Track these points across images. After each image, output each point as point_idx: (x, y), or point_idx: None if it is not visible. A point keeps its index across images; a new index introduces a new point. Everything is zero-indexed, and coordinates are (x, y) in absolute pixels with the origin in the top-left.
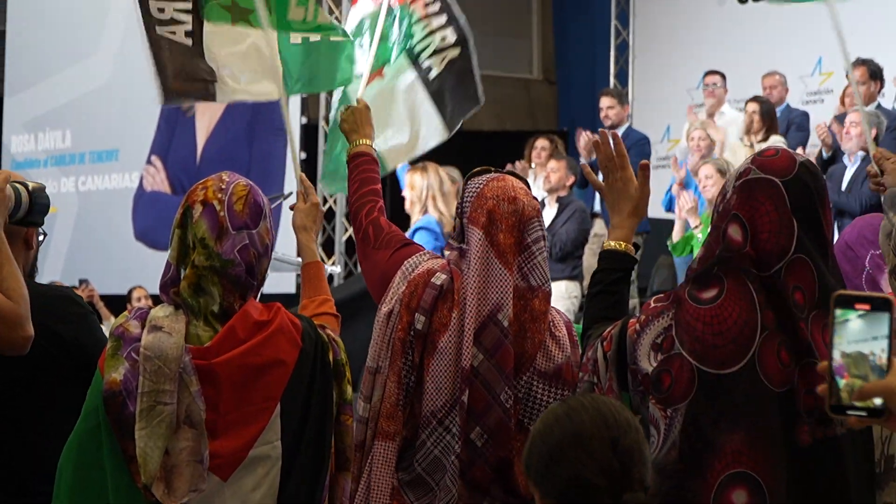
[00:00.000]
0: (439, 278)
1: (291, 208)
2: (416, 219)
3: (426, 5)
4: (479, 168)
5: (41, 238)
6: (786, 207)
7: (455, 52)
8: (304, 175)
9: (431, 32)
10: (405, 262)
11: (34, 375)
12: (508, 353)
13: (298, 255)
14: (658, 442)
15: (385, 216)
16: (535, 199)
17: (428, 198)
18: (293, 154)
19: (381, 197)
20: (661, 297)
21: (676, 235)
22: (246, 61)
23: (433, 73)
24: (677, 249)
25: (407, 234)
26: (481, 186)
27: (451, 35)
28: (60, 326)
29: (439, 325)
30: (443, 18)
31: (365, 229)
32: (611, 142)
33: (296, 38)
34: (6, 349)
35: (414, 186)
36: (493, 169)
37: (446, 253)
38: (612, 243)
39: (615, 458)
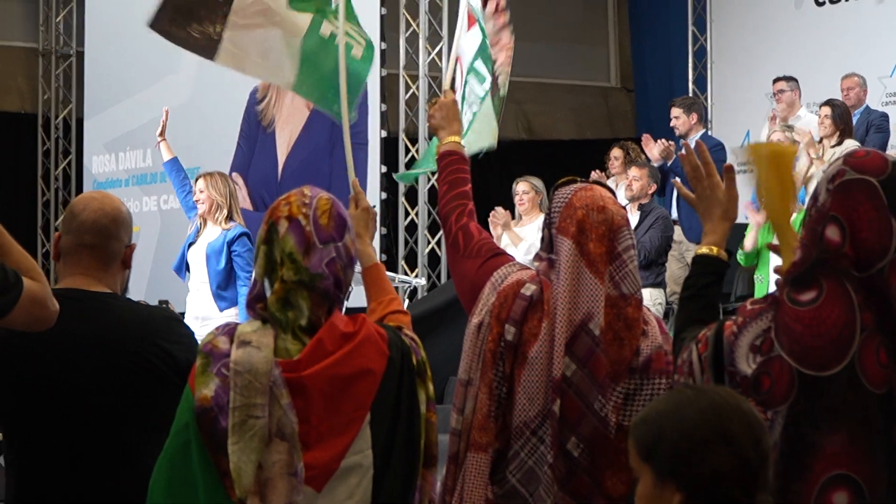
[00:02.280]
0: (529, 289)
1: None
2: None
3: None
4: (565, 178)
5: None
6: (884, 206)
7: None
8: (356, 180)
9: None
10: (494, 273)
11: (149, 396)
12: (600, 362)
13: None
14: None
15: (475, 220)
16: (623, 208)
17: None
18: (347, 154)
19: (471, 199)
20: (758, 300)
21: (749, 245)
22: (265, 37)
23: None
24: (749, 258)
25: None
26: (569, 196)
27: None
28: (174, 347)
29: (529, 335)
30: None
31: (455, 235)
32: (695, 152)
33: (326, 29)
34: (39, 327)
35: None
36: (579, 179)
37: (535, 264)
38: (705, 248)
39: (757, 458)
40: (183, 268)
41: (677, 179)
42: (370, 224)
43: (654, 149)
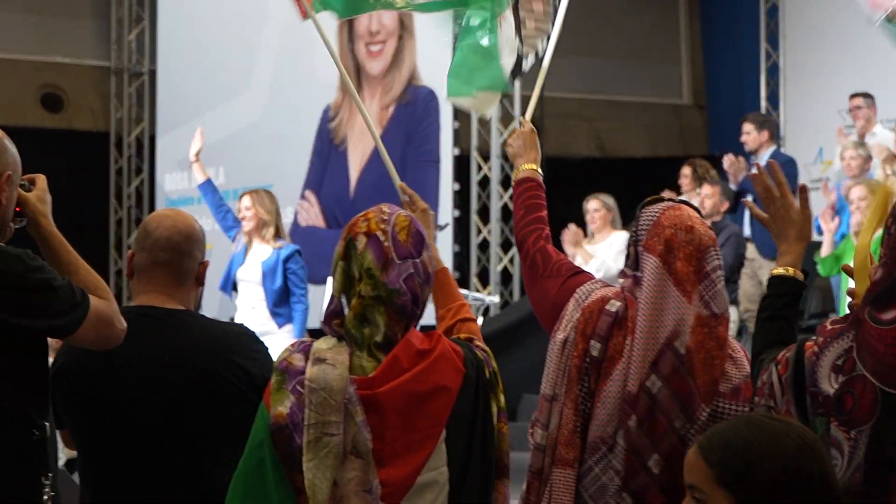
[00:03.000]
0: (614, 305)
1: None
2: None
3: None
4: (652, 197)
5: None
6: None
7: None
8: (404, 184)
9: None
10: (578, 289)
11: (224, 412)
12: (685, 382)
13: None
14: (842, 464)
15: (551, 244)
16: (711, 227)
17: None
18: (381, 152)
19: (547, 224)
20: (838, 320)
21: (825, 251)
22: None
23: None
24: (825, 266)
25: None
26: (658, 215)
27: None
28: (248, 363)
29: (614, 351)
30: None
31: (533, 257)
32: (767, 172)
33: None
34: (106, 345)
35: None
36: (666, 198)
37: (620, 281)
38: (781, 269)
39: (840, 495)
40: (230, 287)
41: (748, 199)
42: (430, 225)
43: (725, 165)
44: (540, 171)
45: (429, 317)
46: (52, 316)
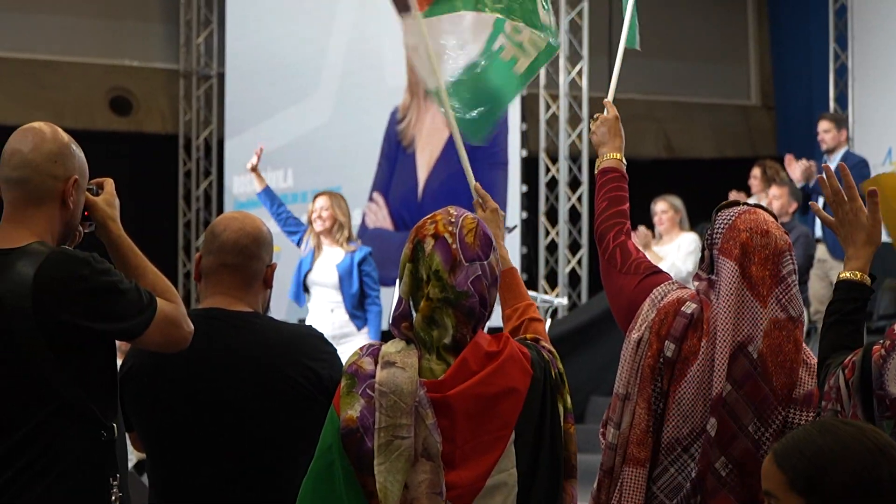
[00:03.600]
0: (689, 307)
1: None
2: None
3: None
4: (728, 200)
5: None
6: None
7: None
8: (478, 185)
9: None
10: (654, 290)
11: (293, 413)
12: (757, 385)
13: None
14: None
15: (632, 239)
16: (787, 232)
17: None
18: (462, 159)
19: (628, 218)
20: None
21: None
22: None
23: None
24: None
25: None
26: (733, 218)
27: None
28: (317, 364)
29: (689, 353)
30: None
31: (612, 252)
32: (835, 175)
33: (500, 40)
34: (173, 347)
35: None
36: (741, 202)
37: (695, 283)
38: (848, 273)
39: None
40: (301, 294)
41: (814, 203)
42: (500, 224)
43: (796, 169)
44: (624, 160)
45: (496, 318)
46: (118, 319)
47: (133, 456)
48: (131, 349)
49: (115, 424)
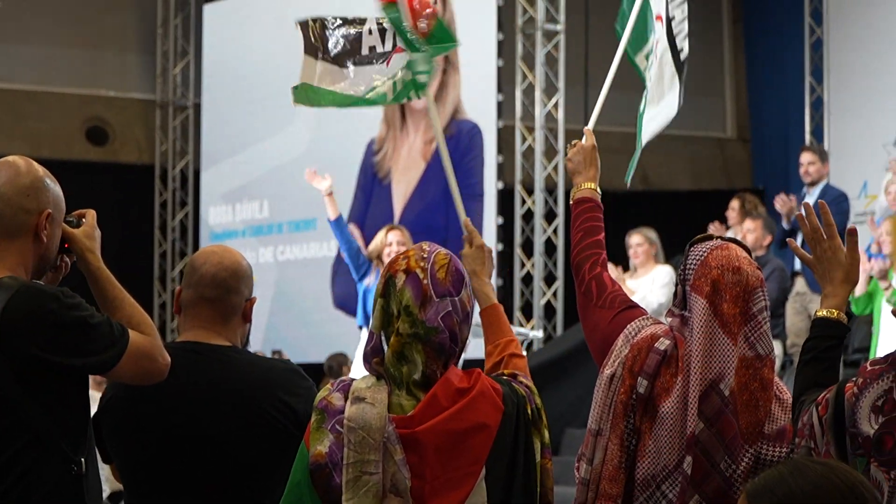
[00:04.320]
0: (663, 343)
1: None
2: None
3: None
4: (701, 235)
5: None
6: None
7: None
8: (468, 220)
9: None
10: (628, 325)
11: (269, 448)
12: (729, 423)
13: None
14: None
15: (608, 270)
16: (759, 268)
17: None
18: (455, 196)
19: (604, 248)
20: (878, 360)
21: (859, 290)
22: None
23: (684, 54)
24: (858, 305)
25: None
26: (705, 255)
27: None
28: (293, 399)
29: (661, 389)
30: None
31: (588, 284)
32: (814, 213)
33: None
34: (148, 380)
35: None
36: (714, 236)
37: (668, 319)
38: (825, 311)
39: None
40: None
41: (792, 240)
42: (486, 262)
43: (777, 205)
44: (599, 190)
45: (477, 350)
46: (88, 353)
47: (107, 486)
48: (110, 381)
49: (84, 459)
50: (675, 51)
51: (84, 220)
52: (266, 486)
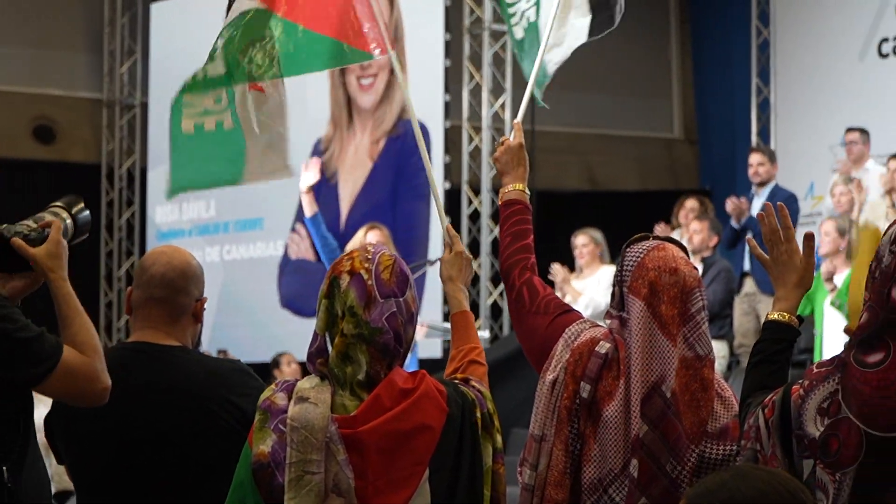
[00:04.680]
0: (603, 347)
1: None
2: None
3: None
4: (639, 235)
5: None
6: None
7: None
8: (450, 226)
9: None
10: (566, 329)
11: (217, 448)
12: (673, 425)
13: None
14: None
15: (537, 274)
16: (696, 268)
17: None
18: (437, 201)
19: (533, 252)
20: (823, 363)
21: None
22: None
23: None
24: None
25: None
26: (642, 256)
27: None
28: (241, 399)
29: (604, 393)
30: None
31: (519, 290)
32: (775, 214)
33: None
34: (86, 402)
35: None
36: (651, 235)
37: (606, 322)
38: (776, 314)
39: None
40: None
41: (752, 238)
42: (464, 269)
43: (728, 207)
44: (527, 190)
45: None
46: (12, 367)
47: (55, 484)
48: None
49: (7, 466)
50: None
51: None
52: (219, 487)
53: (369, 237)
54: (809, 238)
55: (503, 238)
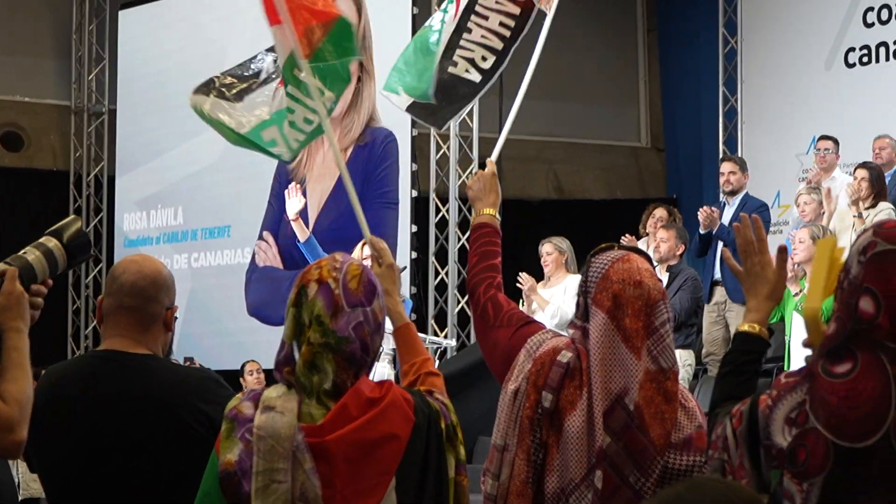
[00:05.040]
0: (565, 356)
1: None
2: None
3: (500, 24)
4: (603, 245)
5: (175, 318)
6: None
7: (476, 77)
8: (373, 237)
9: (480, 45)
10: (529, 339)
11: (185, 456)
12: (635, 437)
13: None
14: None
15: (503, 292)
16: (660, 280)
17: None
18: (356, 211)
19: (499, 272)
20: (791, 373)
21: None
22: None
23: (450, 70)
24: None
25: None
26: (606, 268)
27: (487, 63)
28: (210, 407)
29: (567, 403)
30: (499, 47)
31: (483, 306)
32: (750, 225)
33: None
34: None
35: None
36: (616, 245)
37: (570, 331)
38: (746, 326)
39: None
40: None
41: (727, 249)
42: (396, 280)
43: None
44: (498, 216)
45: None
46: None
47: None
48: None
49: None
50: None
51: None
52: (191, 495)
53: (366, 251)
54: (783, 251)
55: (471, 258)
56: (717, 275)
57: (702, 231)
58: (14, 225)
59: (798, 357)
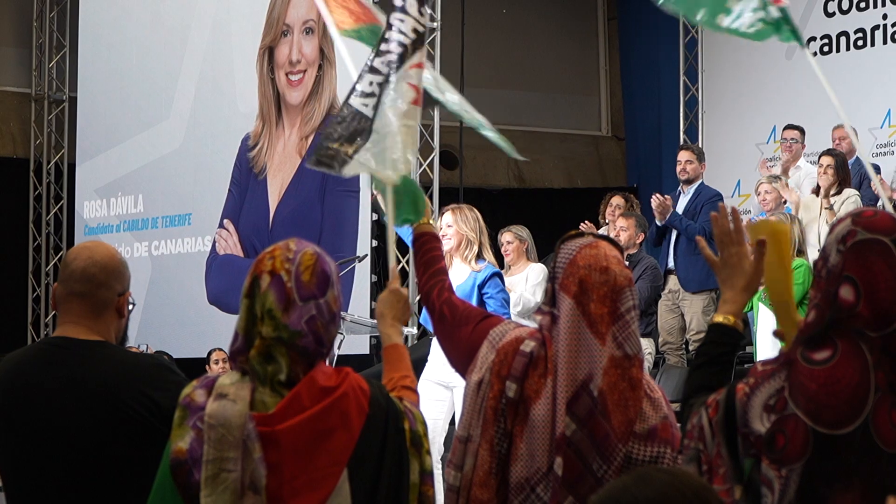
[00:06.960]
0: (528, 345)
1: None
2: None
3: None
4: (573, 231)
5: (131, 307)
6: None
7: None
8: (395, 267)
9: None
10: (491, 331)
11: (133, 444)
12: (599, 423)
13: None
14: (772, 502)
15: (455, 293)
16: (627, 267)
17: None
18: (390, 245)
19: (447, 274)
20: (769, 361)
21: None
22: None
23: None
24: None
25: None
26: (574, 254)
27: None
28: (158, 394)
29: (531, 392)
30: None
31: (440, 310)
32: (729, 217)
33: None
34: None
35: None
36: (586, 233)
37: (538, 318)
38: (721, 317)
39: None
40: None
41: (702, 239)
42: (397, 306)
43: (653, 204)
44: (431, 221)
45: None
46: None
47: None
48: None
49: None
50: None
51: None
52: (140, 483)
53: (445, 219)
54: (761, 244)
55: (416, 271)
56: (671, 263)
57: (658, 223)
58: None
59: (765, 347)
